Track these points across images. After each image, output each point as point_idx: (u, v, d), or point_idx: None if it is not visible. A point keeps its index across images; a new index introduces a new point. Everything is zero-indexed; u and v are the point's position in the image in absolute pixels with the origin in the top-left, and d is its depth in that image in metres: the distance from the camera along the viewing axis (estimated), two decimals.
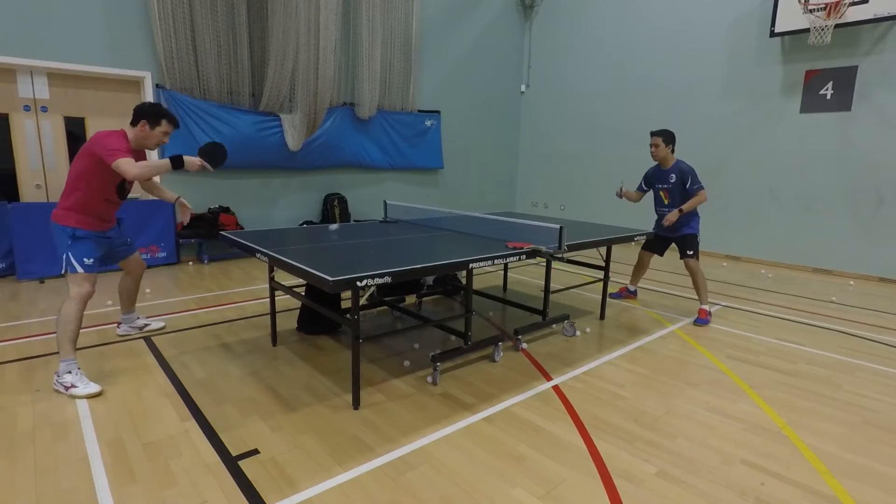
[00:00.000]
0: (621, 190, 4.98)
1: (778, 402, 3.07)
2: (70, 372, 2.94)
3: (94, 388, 2.93)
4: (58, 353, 3.50)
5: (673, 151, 4.68)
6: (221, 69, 6.57)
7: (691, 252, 4.63)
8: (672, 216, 4.52)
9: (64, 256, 3.06)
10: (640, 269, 5.21)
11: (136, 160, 3.22)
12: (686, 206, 4.50)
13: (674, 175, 4.60)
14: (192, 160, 3.18)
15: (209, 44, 6.38)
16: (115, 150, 2.96)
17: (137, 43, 6.09)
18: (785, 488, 2.24)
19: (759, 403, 3.04)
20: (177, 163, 3.10)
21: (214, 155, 3.30)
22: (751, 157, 7.47)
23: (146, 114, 3.20)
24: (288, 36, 6.73)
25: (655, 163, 4.77)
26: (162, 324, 4.11)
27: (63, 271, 3.07)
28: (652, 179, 4.84)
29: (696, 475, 2.32)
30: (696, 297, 4.68)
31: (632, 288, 5.31)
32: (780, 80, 7.11)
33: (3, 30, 5.32)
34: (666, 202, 4.73)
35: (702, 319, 4.53)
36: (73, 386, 2.90)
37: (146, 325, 4.02)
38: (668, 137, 4.62)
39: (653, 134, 4.67)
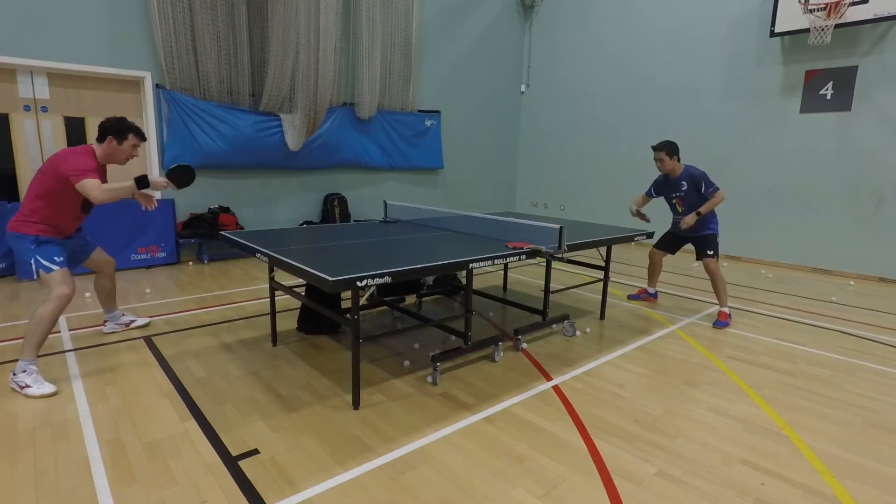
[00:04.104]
0: (635, 210, 4.86)
1: (778, 402, 3.07)
2: (25, 371, 2.91)
3: (48, 388, 2.89)
4: (55, 353, 3.51)
5: (679, 160, 4.60)
6: (221, 69, 6.57)
7: (711, 252, 4.55)
8: (690, 219, 4.42)
9: (32, 261, 3.05)
10: (653, 269, 5.12)
11: (103, 176, 3.24)
12: (703, 209, 4.42)
13: (685, 182, 4.53)
14: (157, 180, 3.24)
15: (209, 44, 6.38)
16: (81, 171, 2.93)
17: (137, 43, 6.09)
18: (785, 488, 2.24)
19: (759, 403, 3.04)
20: (142, 183, 3.12)
21: (182, 177, 3.36)
22: (751, 157, 7.47)
23: (112, 129, 3.19)
24: (288, 36, 6.73)
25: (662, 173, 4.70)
26: (147, 320, 4.10)
27: (36, 276, 3.06)
28: (662, 189, 4.76)
29: (696, 475, 2.32)
30: (697, 298, 4.67)
31: (651, 290, 5.21)
32: (780, 80, 7.11)
33: (3, 30, 5.32)
34: (680, 210, 4.66)
35: (721, 322, 4.45)
36: (27, 386, 2.87)
37: (132, 321, 4.01)
38: (670, 149, 4.53)
39: (654, 149, 4.58)
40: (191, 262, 6.58)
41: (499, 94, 10.08)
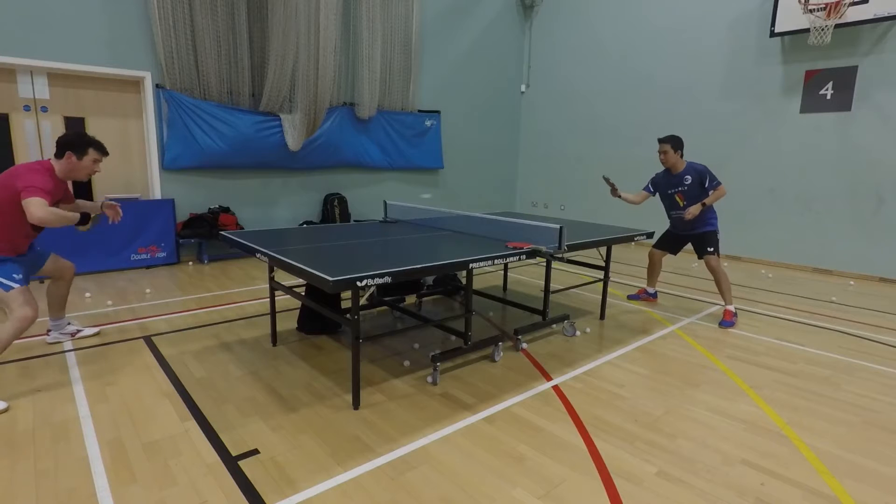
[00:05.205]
0: (614, 188, 4.78)
1: (778, 402, 3.07)
2: None
3: None
4: (55, 353, 3.51)
5: (682, 156, 4.62)
6: (221, 69, 6.56)
7: (712, 249, 4.54)
8: (695, 209, 4.43)
9: None
10: (652, 269, 5.11)
11: (62, 192, 3.23)
12: (708, 200, 4.44)
13: (689, 177, 4.54)
14: (94, 206, 3.38)
15: (209, 44, 6.37)
16: (30, 188, 2.88)
17: (137, 43, 6.08)
18: (785, 488, 2.24)
19: (759, 403, 3.04)
20: (84, 218, 3.20)
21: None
22: (751, 157, 7.46)
23: (71, 144, 3.12)
24: (288, 36, 6.73)
25: (663, 168, 4.70)
26: (96, 330, 3.90)
27: None
28: (662, 185, 4.75)
29: (696, 475, 2.32)
30: (697, 298, 4.66)
31: (651, 290, 5.19)
32: (780, 80, 7.10)
33: (3, 30, 5.31)
34: (682, 204, 4.65)
35: (727, 321, 4.43)
36: None
37: (78, 330, 3.81)
38: (676, 143, 4.57)
39: (660, 141, 4.62)
40: (191, 262, 6.58)
41: (499, 94, 10.08)
